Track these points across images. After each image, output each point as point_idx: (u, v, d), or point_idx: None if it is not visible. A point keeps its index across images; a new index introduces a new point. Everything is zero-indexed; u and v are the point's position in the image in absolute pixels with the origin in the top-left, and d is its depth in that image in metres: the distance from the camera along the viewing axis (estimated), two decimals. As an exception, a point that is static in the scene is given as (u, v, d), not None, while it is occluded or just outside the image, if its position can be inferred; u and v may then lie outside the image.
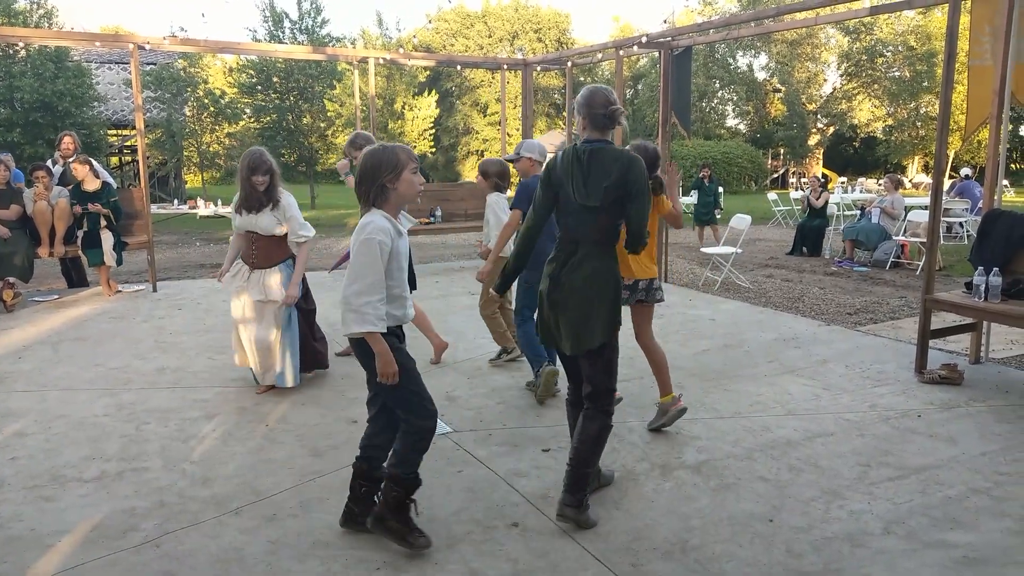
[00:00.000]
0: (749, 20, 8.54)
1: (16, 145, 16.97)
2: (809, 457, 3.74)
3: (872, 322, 6.75)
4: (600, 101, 3.08)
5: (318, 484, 3.48)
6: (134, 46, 8.12)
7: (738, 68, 33.73)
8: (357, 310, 2.70)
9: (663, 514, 3.17)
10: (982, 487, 3.40)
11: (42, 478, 3.54)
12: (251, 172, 4.47)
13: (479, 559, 2.84)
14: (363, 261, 2.70)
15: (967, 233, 12.49)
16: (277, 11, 24.25)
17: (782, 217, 16.39)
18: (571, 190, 3.08)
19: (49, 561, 2.83)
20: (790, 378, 5.03)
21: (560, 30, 40.39)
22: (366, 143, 5.17)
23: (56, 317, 6.94)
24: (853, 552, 2.87)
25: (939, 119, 4.96)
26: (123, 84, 22.61)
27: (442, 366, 5.36)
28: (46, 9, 21.00)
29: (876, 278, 9.19)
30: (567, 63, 10.57)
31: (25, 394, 4.76)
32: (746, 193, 27.81)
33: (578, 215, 3.08)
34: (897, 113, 30.42)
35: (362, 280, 2.70)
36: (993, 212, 5.17)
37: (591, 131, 3.11)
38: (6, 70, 17.90)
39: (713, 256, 9.22)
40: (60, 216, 7.48)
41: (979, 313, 4.93)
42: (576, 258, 3.08)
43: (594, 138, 3.11)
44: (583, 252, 3.07)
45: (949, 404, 4.49)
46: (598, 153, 3.06)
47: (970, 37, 5.36)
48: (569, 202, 3.10)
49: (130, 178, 25.26)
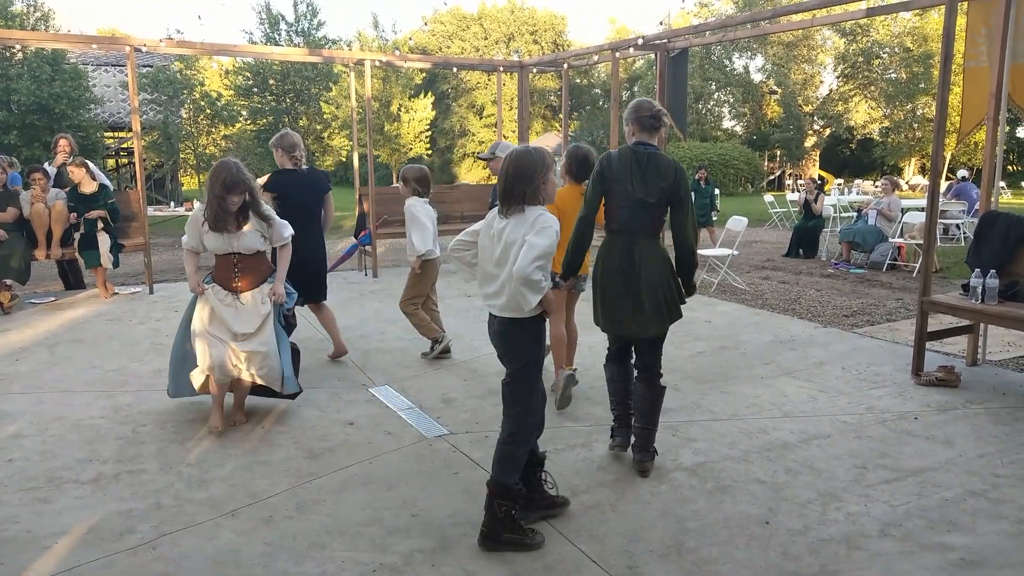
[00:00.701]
0: (745, 22, 8.56)
1: (13, 148, 16.93)
2: (806, 459, 3.74)
3: (869, 324, 6.76)
4: (646, 107, 3.53)
5: (314, 486, 3.48)
6: (130, 48, 8.11)
7: (734, 70, 33.82)
8: (536, 287, 2.75)
9: (659, 516, 3.17)
10: (979, 489, 3.40)
11: (38, 480, 3.53)
12: (226, 190, 3.87)
13: (475, 562, 2.83)
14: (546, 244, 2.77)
15: (964, 235, 12.51)
16: (273, 13, 24.28)
17: (778, 219, 16.42)
18: (630, 186, 3.46)
19: (45, 563, 2.82)
20: (787, 380, 5.03)
21: (556, 32, 40.43)
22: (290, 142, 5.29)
23: (53, 319, 6.92)
24: (850, 554, 2.87)
25: (935, 121, 4.97)
26: (120, 86, 22.58)
27: (438, 368, 5.37)
28: (43, 11, 20.97)
29: (873, 280, 9.20)
30: (563, 65, 10.58)
31: (22, 396, 4.75)
32: (742, 195, 27.86)
33: (633, 209, 3.48)
34: (893, 115, 30.51)
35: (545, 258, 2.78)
36: (990, 214, 5.18)
37: (640, 135, 3.53)
38: (2, 73, 17.86)
39: (709, 258, 9.23)
40: (57, 218, 7.46)
41: (976, 315, 4.93)
42: (639, 247, 3.48)
43: (644, 140, 3.53)
44: (644, 242, 3.50)
45: (946, 406, 4.50)
46: (655, 157, 3.49)
47: (966, 39, 5.37)
48: (626, 196, 3.47)
49: (127, 180, 25.21)
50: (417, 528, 3.08)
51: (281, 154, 5.28)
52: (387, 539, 3.00)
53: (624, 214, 3.49)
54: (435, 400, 4.68)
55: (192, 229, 4.12)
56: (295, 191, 5.20)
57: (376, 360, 5.58)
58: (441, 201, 10.30)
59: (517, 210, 2.87)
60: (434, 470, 3.63)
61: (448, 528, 3.08)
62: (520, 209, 2.86)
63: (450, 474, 3.60)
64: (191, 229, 4.12)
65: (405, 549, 2.92)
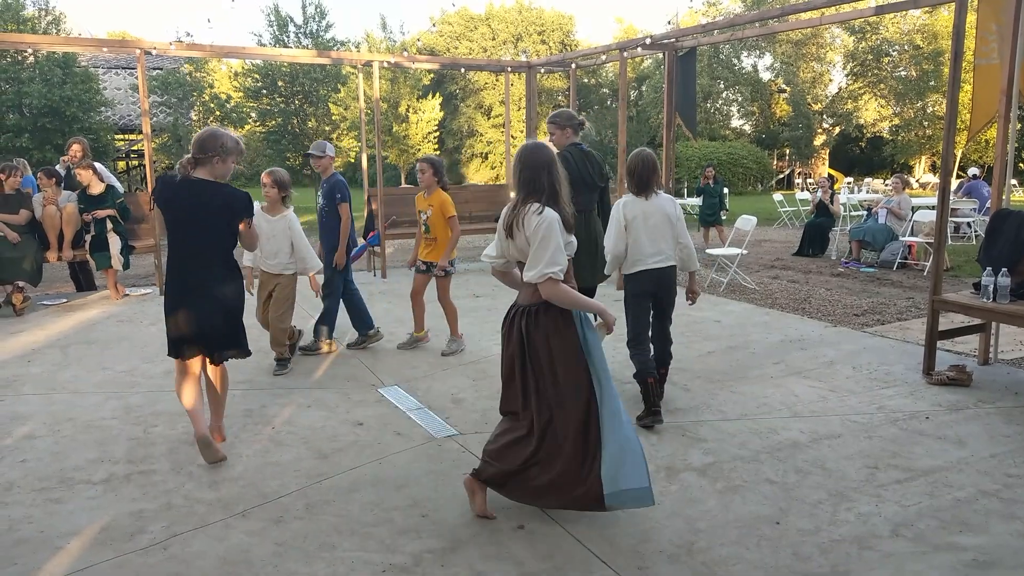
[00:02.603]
0: (754, 21, 8.52)
1: (25, 150, 17.06)
2: (816, 459, 3.72)
3: (879, 323, 6.72)
4: (576, 116, 4.96)
5: (324, 486, 3.49)
6: (141, 51, 8.16)
7: (743, 69, 33.67)
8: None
9: (669, 516, 3.16)
10: (991, 489, 3.38)
11: (51, 480, 3.56)
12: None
13: (484, 562, 2.83)
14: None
15: (975, 233, 12.42)
16: (282, 15, 24.39)
17: (788, 218, 16.35)
18: (587, 176, 4.84)
19: (58, 563, 2.84)
20: (797, 380, 5.01)
21: (564, 32, 40.35)
22: (234, 145, 5.25)
23: (64, 321, 6.97)
24: (861, 555, 2.85)
25: (946, 118, 4.94)
26: (130, 89, 22.73)
27: (447, 368, 5.37)
28: (54, 15, 21.12)
29: (883, 279, 9.15)
30: (571, 65, 10.57)
31: (34, 397, 4.79)
32: (752, 194, 27.75)
33: (588, 193, 4.82)
34: (903, 113, 30.29)
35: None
36: (1001, 212, 5.14)
37: (573, 137, 4.94)
38: (15, 76, 18.00)
39: (718, 257, 9.20)
40: (68, 220, 7.53)
41: (988, 314, 4.90)
42: (591, 219, 4.83)
43: (577, 142, 4.95)
44: (592, 215, 4.87)
45: (957, 406, 4.47)
46: (589, 154, 4.95)
47: (977, 36, 5.33)
48: (583, 183, 4.72)
49: (137, 182, 25.36)
50: (427, 528, 3.08)
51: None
52: (397, 539, 3.00)
53: (583, 199, 4.66)
54: (444, 400, 4.69)
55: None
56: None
57: (385, 360, 5.59)
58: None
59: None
60: (443, 470, 3.64)
61: (458, 528, 3.08)
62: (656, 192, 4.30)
63: (460, 474, 3.59)
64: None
65: (415, 549, 2.93)
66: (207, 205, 3.62)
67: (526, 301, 3.03)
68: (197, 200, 3.62)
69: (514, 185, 3.08)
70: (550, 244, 2.86)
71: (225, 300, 3.72)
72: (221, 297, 3.71)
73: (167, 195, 3.69)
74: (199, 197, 3.62)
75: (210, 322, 3.69)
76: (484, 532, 3.04)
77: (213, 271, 3.68)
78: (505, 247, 3.08)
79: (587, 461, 2.93)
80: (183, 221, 3.66)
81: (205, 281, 3.67)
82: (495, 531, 3.05)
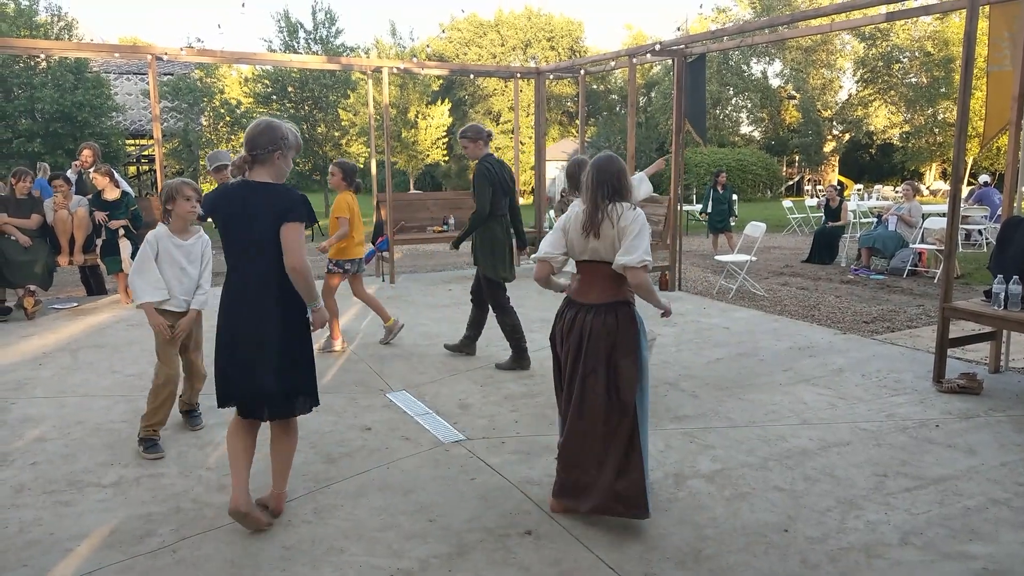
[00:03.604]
0: (763, 27, 8.53)
1: (37, 155, 17.18)
2: (825, 467, 3.71)
3: (889, 331, 6.69)
4: (486, 130, 5.50)
5: (332, 491, 3.50)
6: (152, 57, 8.23)
7: (752, 75, 33.62)
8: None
9: (677, 523, 3.16)
10: (1002, 498, 3.35)
11: (60, 483, 3.58)
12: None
13: (491, 568, 2.83)
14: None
15: (986, 241, 12.35)
16: (292, 21, 24.50)
17: (797, 225, 16.29)
18: (507, 184, 5.50)
19: (68, 565, 2.85)
20: (805, 387, 4.99)
21: (573, 38, 40.43)
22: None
23: (75, 324, 7.02)
24: (870, 563, 2.84)
25: (957, 125, 4.92)
26: (141, 94, 22.86)
27: (455, 374, 5.38)
28: (66, 21, 21.30)
29: (893, 286, 9.11)
30: (580, 71, 10.59)
31: (44, 400, 4.82)
32: (761, 201, 27.68)
33: (505, 198, 5.48)
34: (914, 119, 30.17)
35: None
36: (1013, 219, 5.11)
37: (485, 149, 5.46)
38: (27, 81, 18.15)
39: (727, 264, 9.18)
40: (79, 225, 7.58)
41: (999, 322, 4.87)
42: (506, 223, 5.55)
43: (491, 153, 5.51)
44: (508, 218, 5.59)
45: (968, 414, 4.44)
46: (503, 162, 5.57)
47: (989, 43, 5.32)
48: (504, 191, 5.46)
49: (148, 187, 25.52)
50: (434, 533, 3.09)
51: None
52: (404, 544, 3.01)
53: (502, 202, 5.43)
54: (452, 405, 4.69)
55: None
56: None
57: (393, 365, 5.60)
58: (458, 207, 10.37)
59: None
60: (451, 476, 3.64)
61: (465, 534, 3.08)
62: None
63: (467, 480, 3.60)
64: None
65: (422, 554, 2.93)
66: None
67: (597, 300, 3.14)
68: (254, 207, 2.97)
69: (586, 191, 3.18)
70: (645, 236, 3.08)
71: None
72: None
73: (220, 204, 3.04)
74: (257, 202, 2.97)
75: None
76: (491, 537, 3.04)
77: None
78: (583, 245, 3.16)
79: (632, 459, 3.09)
80: (238, 234, 3.02)
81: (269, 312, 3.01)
82: (502, 536, 3.05)
